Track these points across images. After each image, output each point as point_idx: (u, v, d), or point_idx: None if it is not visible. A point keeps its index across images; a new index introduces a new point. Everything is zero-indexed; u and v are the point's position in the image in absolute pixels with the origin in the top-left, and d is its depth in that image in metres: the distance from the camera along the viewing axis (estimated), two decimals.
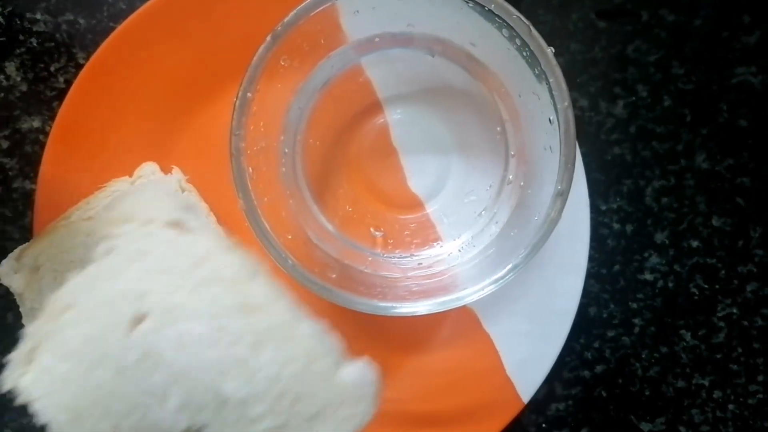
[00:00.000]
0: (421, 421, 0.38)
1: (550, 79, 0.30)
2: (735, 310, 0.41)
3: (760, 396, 0.40)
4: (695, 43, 0.40)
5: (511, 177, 0.37)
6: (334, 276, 0.35)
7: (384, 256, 0.38)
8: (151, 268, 0.24)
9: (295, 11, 0.31)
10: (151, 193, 0.25)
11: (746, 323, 0.41)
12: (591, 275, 0.40)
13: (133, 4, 0.40)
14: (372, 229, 0.38)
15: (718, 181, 0.40)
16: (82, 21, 0.40)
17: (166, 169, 0.38)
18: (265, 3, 0.33)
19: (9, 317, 0.40)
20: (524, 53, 0.31)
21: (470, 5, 0.30)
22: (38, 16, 0.40)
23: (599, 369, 0.41)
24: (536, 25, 0.30)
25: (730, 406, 0.41)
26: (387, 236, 0.38)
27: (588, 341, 0.41)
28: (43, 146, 0.37)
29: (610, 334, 0.41)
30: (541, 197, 0.32)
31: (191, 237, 0.25)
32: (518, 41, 0.31)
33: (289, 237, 0.34)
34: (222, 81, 0.37)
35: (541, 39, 0.30)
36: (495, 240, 0.36)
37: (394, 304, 0.32)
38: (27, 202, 0.40)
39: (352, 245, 0.38)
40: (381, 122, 0.38)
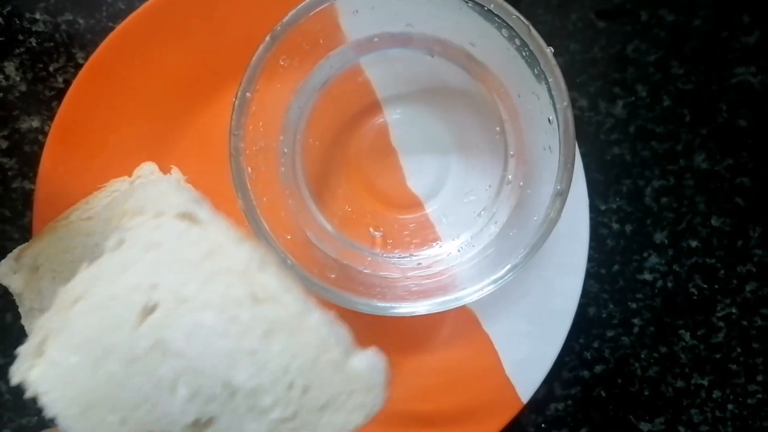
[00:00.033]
0: (420, 421, 0.38)
1: (550, 79, 0.30)
2: (734, 310, 0.41)
3: (760, 396, 0.40)
4: (695, 43, 0.40)
5: (510, 177, 0.37)
6: (333, 276, 0.35)
7: (383, 256, 0.38)
8: (161, 260, 0.24)
9: (294, 11, 0.31)
10: (161, 186, 0.25)
11: (745, 323, 0.41)
12: (590, 275, 0.40)
13: (132, 4, 0.40)
14: (371, 229, 0.38)
15: (718, 181, 0.40)
16: (81, 21, 0.40)
17: (165, 169, 0.38)
18: (265, 3, 0.33)
19: (8, 317, 0.40)
20: (523, 53, 0.31)
21: (469, 5, 0.30)
22: (37, 16, 0.40)
23: (598, 369, 0.41)
24: (535, 25, 0.30)
25: (730, 406, 0.41)
26: (386, 236, 0.38)
27: (587, 341, 0.41)
28: (42, 146, 0.37)
29: (610, 334, 0.41)
30: (540, 197, 0.32)
31: (201, 229, 0.25)
32: (517, 41, 0.31)
33: (289, 237, 0.34)
34: (221, 81, 0.37)
35: (541, 39, 0.30)
36: (494, 240, 0.36)
37: (393, 304, 0.32)
38: (26, 202, 0.40)
39: (351, 245, 0.38)
40: (380, 122, 0.38)
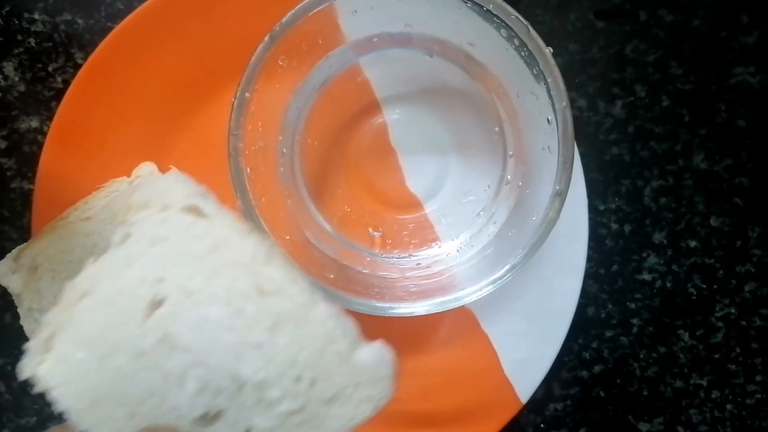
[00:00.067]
0: (419, 421, 0.38)
1: (549, 79, 0.30)
2: (733, 310, 0.41)
3: (759, 396, 0.40)
4: (694, 43, 0.40)
5: (509, 177, 0.37)
6: (332, 276, 0.35)
7: (382, 256, 0.38)
8: (167, 254, 0.24)
9: (293, 11, 0.31)
10: (166, 179, 0.25)
11: (744, 323, 0.41)
12: (589, 275, 0.40)
13: (131, 4, 0.40)
14: (370, 230, 0.38)
15: (717, 181, 0.40)
16: (80, 21, 0.40)
17: (164, 169, 0.38)
18: (264, 3, 0.33)
19: (7, 318, 0.40)
20: (522, 53, 0.31)
21: (468, 5, 0.30)
22: (36, 16, 0.40)
23: (597, 369, 0.41)
24: (534, 25, 0.30)
25: (729, 406, 0.41)
26: (385, 236, 0.38)
27: (586, 341, 0.41)
28: (41, 146, 0.37)
29: (609, 334, 0.41)
30: (539, 197, 0.32)
31: (207, 222, 0.25)
32: (516, 41, 0.31)
33: (287, 237, 0.34)
34: (220, 81, 0.37)
35: (540, 39, 0.30)
36: (493, 240, 0.36)
37: (392, 305, 0.32)
38: (25, 202, 0.40)
39: (350, 245, 0.38)
40: (379, 122, 0.38)
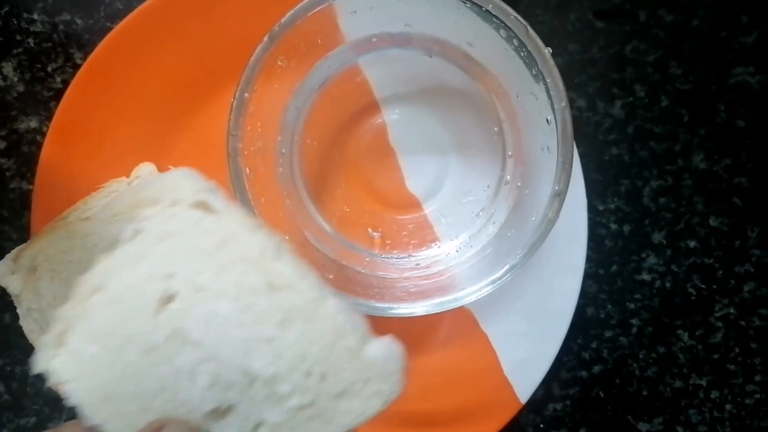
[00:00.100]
0: (418, 422, 0.38)
1: (548, 80, 0.30)
2: (732, 310, 0.41)
3: (758, 396, 0.41)
4: (693, 43, 0.40)
5: (508, 177, 0.37)
6: (331, 276, 0.35)
7: (381, 256, 0.38)
8: (178, 250, 0.24)
9: (292, 11, 0.31)
10: (175, 176, 0.25)
11: (743, 323, 0.41)
12: (588, 275, 0.40)
13: (130, 4, 0.39)
14: (369, 230, 0.38)
15: (716, 181, 0.40)
16: (79, 21, 0.40)
17: (163, 170, 0.38)
18: (263, 3, 0.33)
19: (6, 318, 0.40)
20: (522, 53, 0.31)
21: (468, 5, 0.30)
22: (35, 17, 0.40)
23: (597, 369, 0.41)
24: (534, 26, 0.30)
25: (728, 406, 0.41)
26: (384, 237, 0.38)
27: (585, 341, 0.41)
28: (40, 146, 0.37)
29: (608, 334, 0.41)
30: (538, 197, 0.32)
31: (216, 218, 0.25)
32: (516, 41, 0.31)
33: (287, 237, 0.34)
34: (219, 81, 0.37)
35: (539, 39, 0.30)
36: (492, 240, 0.36)
37: (391, 305, 0.32)
38: (24, 202, 0.40)
39: (350, 246, 0.38)
40: (379, 122, 0.38)
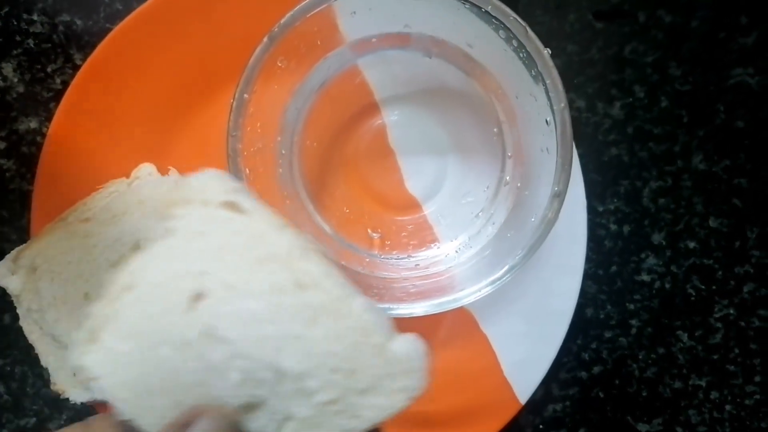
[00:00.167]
0: (418, 422, 0.38)
1: (547, 81, 0.30)
2: (732, 311, 0.41)
3: (757, 397, 0.41)
4: (692, 44, 0.40)
5: (508, 178, 0.37)
6: None
7: (381, 257, 0.38)
8: (208, 249, 0.25)
9: (291, 12, 0.31)
10: (205, 176, 0.25)
11: (743, 324, 0.41)
12: (588, 276, 0.40)
13: (129, 4, 0.40)
14: (369, 230, 0.38)
15: (715, 182, 0.40)
16: (78, 22, 0.40)
17: (163, 171, 0.38)
18: (262, 4, 0.33)
19: (6, 318, 0.40)
20: (521, 54, 0.31)
21: (467, 6, 0.30)
22: (35, 17, 0.40)
23: (596, 370, 0.41)
24: (533, 26, 0.30)
25: (727, 407, 0.41)
26: (384, 237, 0.38)
27: (585, 342, 0.41)
28: (40, 147, 0.37)
29: (607, 335, 0.41)
30: (538, 198, 0.32)
31: (246, 217, 0.25)
32: (515, 42, 0.31)
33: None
34: (219, 82, 0.37)
35: (538, 40, 0.30)
36: (492, 241, 0.36)
37: (391, 306, 0.32)
38: (24, 203, 0.40)
39: (349, 246, 0.38)
40: (378, 123, 0.38)
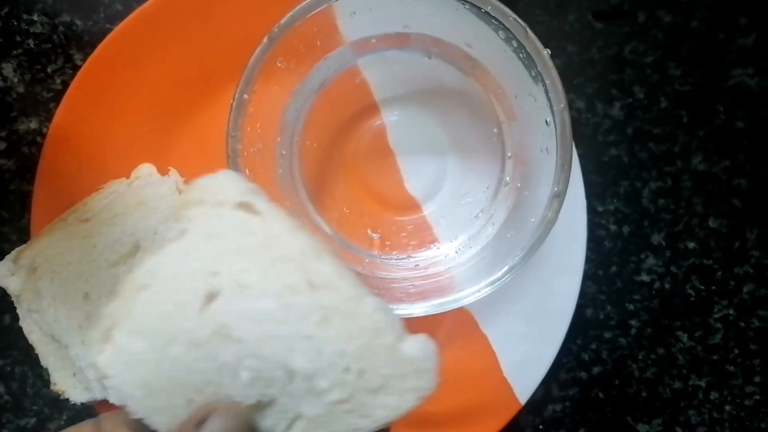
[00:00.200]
0: (417, 422, 0.38)
1: (547, 81, 0.30)
2: (731, 312, 0.41)
3: (757, 397, 0.41)
4: (692, 44, 0.40)
5: (507, 178, 0.37)
6: None
7: (381, 257, 0.38)
8: (222, 249, 0.25)
9: (291, 13, 0.31)
10: (220, 177, 0.26)
11: (743, 324, 0.41)
12: (588, 276, 0.40)
13: (129, 5, 0.40)
14: (369, 231, 0.38)
15: (715, 182, 0.40)
16: (78, 22, 0.40)
17: (163, 171, 0.38)
18: (262, 5, 0.33)
19: (6, 319, 0.40)
20: (521, 55, 0.31)
21: (466, 7, 0.30)
22: (35, 18, 0.40)
23: (596, 370, 0.41)
24: (533, 26, 0.30)
25: (727, 408, 0.41)
26: (384, 238, 0.38)
27: (585, 342, 0.41)
28: (40, 147, 0.37)
29: (607, 335, 0.41)
30: (537, 199, 0.32)
31: (260, 218, 0.25)
32: (515, 43, 0.31)
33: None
34: (219, 82, 0.37)
35: (538, 41, 0.30)
36: (492, 241, 0.36)
37: (390, 306, 0.32)
38: (24, 203, 0.40)
39: (349, 247, 0.38)
40: (378, 124, 0.38)
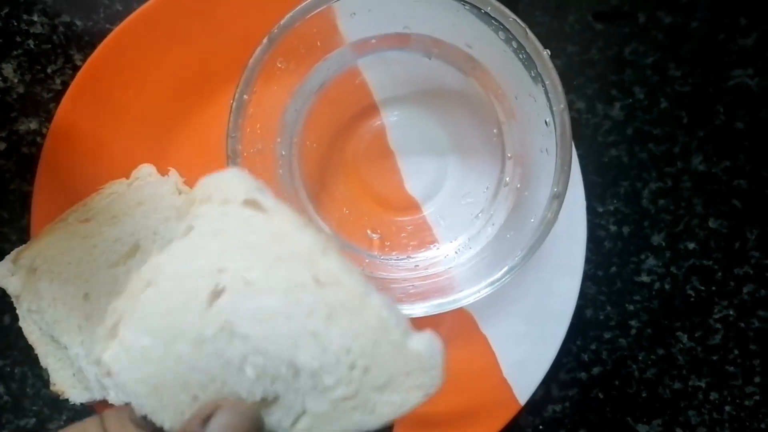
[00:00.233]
0: (417, 423, 0.38)
1: (546, 82, 0.30)
2: (731, 312, 0.41)
3: (757, 398, 0.41)
4: (692, 45, 0.40)
5: (507, 179, 0.37)
6: None
7: (381, 258, 0.38)
8: (229, 246, 0.25)
9: (291, 13, 0.31)
10: (226, 175, 0.26)
11: (743, 325, 0.41)
12: (588, 277, 0.40)
13: (129, 5, 0.40)
14: (369, 231, 0.38)
15: (715, 183, 0.40)
16: (78, 23, 0.40)
17: (163, 171, 0.38)
18: (262, 5, 0.33)
19: (6, 319, 0.40)
20: (521, 55, 0.31)
21: (467, 7, 0.30)
22: (35, 18, 0.40)
23: (596, 371, 0.41)
24: (533, 27, 0.30)
25: (727, 408, 0.41)
26: (384, 238, 0.38)
27: (584, 343, 0.41)
28: (40, 148, 0.37)
29: (607, 335, 0.41)
30: (537, 199, 0.32)
31: (266, 216, 0.25)
32: (515, 43, 0.31)
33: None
34: (219, 83, 0.37)
35: (537, 41, 0.30)
36: (491, 242, 0.36)
37: None
38: (24, 203, 0.40)
39: (349, 247, 0.38)
40: (378, 124, 0.38)
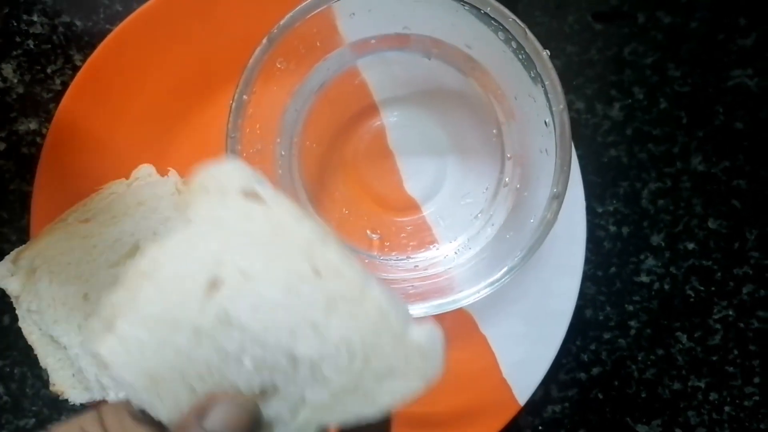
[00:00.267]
0: (417, 423, 0.38)
1: (546, 82, 0.30)
2: (731, 312, 0.41)
3: (756, 398, 0.41)
4: (691, 45, 0.40)
5: (507, 179, 0.37)
6: None
7: (380, 258, 0.38)
8: (227, 237, 0.25)
9: (291, 14, 0.31)
10: (225, 166, 0.26)
11: (742, 325, 0.41)
12: (587, 277, 0.40)
13: (129, 6, 0.40)
14: (368, 232, 0.38)
15: (714, 183, 0.40)
16: (78, 23, 0.40)
17: (162, 172, 0.38)
18: (262, 5, 0.34)
19: (6, 320, 0.40)
20: (520, 56, 0.31)
21: (466, 8, 0.30)
22: (35, 18, 0.40)
23: (595, 371, 0.41)
24: (532, 27, 0.30)
25: (727, 408, 0.41)
26: (383, 239, 0.38)
27: (584, 343, 0.41)
28: (39, 148, 0.37)
29: (606, 336, 0.41)
30: (537, 199, 0.32)
31: (265, 207, 0.25)
32: (514, 44, 0.31)
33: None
34: (219, 83, 0.37)
35: (537, 42, 0.30)
36: (491, 242, 0.36)
37: None
38: (24, 204, 0.40)
39: (349, 247, 0.38)
40: (377, 125, 0.38)
